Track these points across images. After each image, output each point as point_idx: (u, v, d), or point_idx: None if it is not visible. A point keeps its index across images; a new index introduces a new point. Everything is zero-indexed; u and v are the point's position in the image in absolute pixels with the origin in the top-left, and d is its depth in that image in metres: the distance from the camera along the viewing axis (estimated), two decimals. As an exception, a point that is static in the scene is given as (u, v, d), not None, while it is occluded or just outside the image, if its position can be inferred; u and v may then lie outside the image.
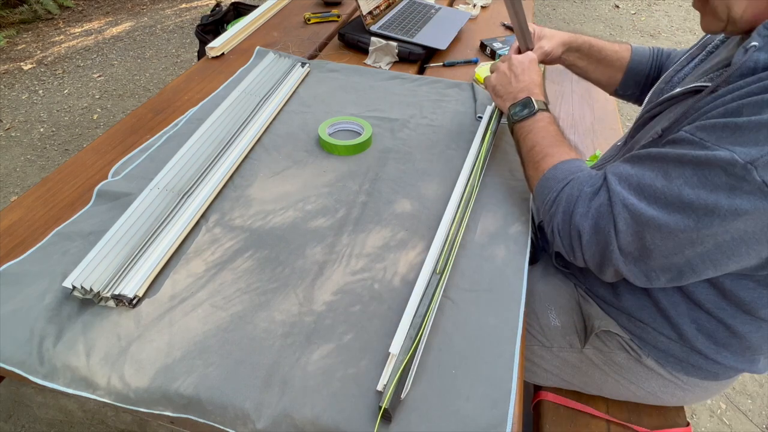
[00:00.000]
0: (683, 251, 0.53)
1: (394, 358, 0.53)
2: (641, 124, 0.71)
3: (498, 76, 0.83)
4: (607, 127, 1.41)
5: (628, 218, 0.55)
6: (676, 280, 0.56)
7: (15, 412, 1.17)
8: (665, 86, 0.74)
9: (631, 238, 0.55)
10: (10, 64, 2.80)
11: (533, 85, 0.78)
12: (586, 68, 0.95)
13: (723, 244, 0.51)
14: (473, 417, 0.51)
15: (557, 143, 0.69)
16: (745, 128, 0.47)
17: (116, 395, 0.53)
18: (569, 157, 0.67)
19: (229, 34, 1.25)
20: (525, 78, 0.79)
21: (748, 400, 1.35)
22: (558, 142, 0.70)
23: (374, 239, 0.71)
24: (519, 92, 0.78)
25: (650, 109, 0.68)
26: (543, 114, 0.73)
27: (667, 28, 3.46)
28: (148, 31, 3.27)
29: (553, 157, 0.67)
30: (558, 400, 0.83)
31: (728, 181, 0.48)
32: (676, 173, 0.52)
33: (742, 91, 0.50)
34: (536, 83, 0.78)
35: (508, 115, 0.78)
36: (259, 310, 0.60)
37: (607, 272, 0.60)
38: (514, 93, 0.78)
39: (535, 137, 0.71)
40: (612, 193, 0.57)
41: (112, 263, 0.62)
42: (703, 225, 0.50)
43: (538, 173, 0.68)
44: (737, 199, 0.47)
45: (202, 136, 0.86)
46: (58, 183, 0.79)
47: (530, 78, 0.79)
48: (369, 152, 0.88)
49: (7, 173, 2.03)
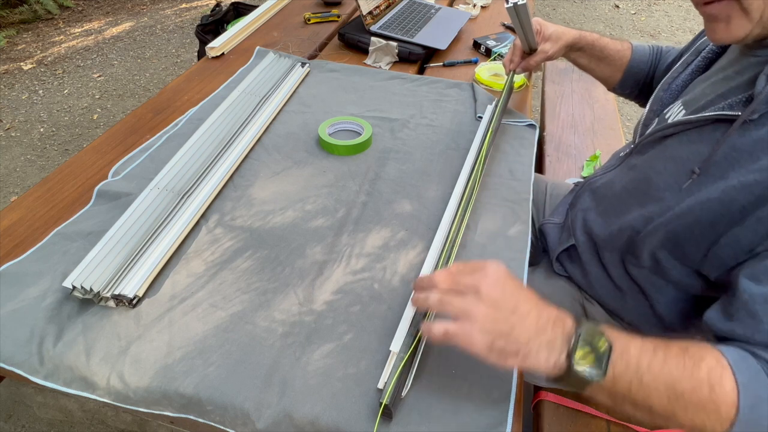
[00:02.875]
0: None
1: (395, 356, 0.53)
2: (650, 142, 0.67)
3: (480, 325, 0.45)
4: (607, 127, 1.41)
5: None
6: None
7: (15, 412, 1.17)
8: (664, 94, 0.73)
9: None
10: (10, 64, 2.80)
11: (536, 307, 0.47)
12: (588, 65, 0.95)
13: None
14: (473, 417, 0.51)
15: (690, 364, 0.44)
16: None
17: (116, 395, 0.53)
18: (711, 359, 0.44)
19: (229, 34, 1.25)
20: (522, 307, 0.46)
21: (748, 400, 1.35)
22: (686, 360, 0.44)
23: (374, 239, 0.71)
24: (539, 333, 0.45)
25: (660, 129, 0.64)
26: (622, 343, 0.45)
27: (667, 28, 3.46)
28: (148, 31, 3.27)
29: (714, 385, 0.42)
30: (558, 400, 0.83)
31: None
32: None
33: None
34: (535, 301, 0.48)
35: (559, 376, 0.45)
36: (259, 310, 0.60)
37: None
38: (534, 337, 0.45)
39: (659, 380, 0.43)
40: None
41: (112, 263, 0.62)
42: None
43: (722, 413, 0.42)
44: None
45: (202, 136, 0.86)
46: (58, 183, 0.79)
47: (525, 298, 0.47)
48: (369, 152, 0.88)
49: (7, 173, 2.03)
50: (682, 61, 0.74)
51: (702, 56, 0.70)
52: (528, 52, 0.89)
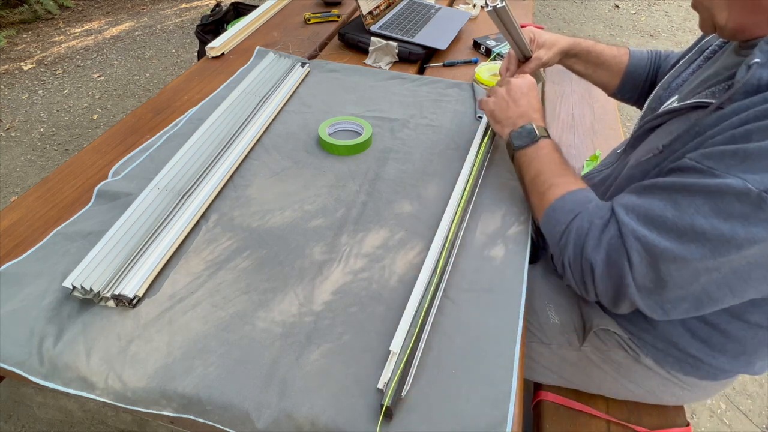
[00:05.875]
0: (699, 280, 0.52)
1: (395, 356, 0.53)
2: (641, 135, 0.70)
3: (496, 100, 0.80)
4: (607, 127, 1.41)
5: (642, 250, 0.53)
6: (693, 310, 0.55)
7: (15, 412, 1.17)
8: (663, 93, 0.73)
9: (646, 271, 0.54)
10: (10, 64, 2.80)
11: (532, 110, 0.75)
12: (585, 72, 0.95)
13: (739, 270, 0.50)
14: (473, 417, 0.51)
15: (562, 172, 0.68)
16: (755, 155, 0.47)
17: (116, 395, 0.53)
18: (576, 187, 0.65)
19: (229, 34, 1.25)
20: (523, 103, 0.76)
21: (748, 400, 1.35)
22: (563, 171, 0.68)
23: (374, 239, 0.71)
24: (518, 118, 0.75)
25: (649, 120, 0.67)
26: (545, 141, 0.71)
27: (667, 28, 3.46)
28: (148, 31, 3.27)
29: (559, 187, 0.65)
30: (558, 400, 0.83)
31: (743, 210, 0.47)
32: (686, 203, 0.51)
33: (749, 113, 0.49)
34: (535, 108, 0.76)
35: (508, 142, 0.75)
36: (259, 310, 0.60)
37: (622, 306, 0.59)
38: (513, 119, 0.76)
39: (538, 165, 0.69)
40: (621, 225, 0.56)
41: (112, 263, 0.62)
42: (718, 253, 0.49)
43: (543, 203, 0.66)
44: (753, 228, 0.47)
45: (202, 136, 0.86)
46: (58, 183, 0.79)
47: (529, 103, 0.76)
48: (369, 152, 0.88)
49: (7, 173, 2.03)
50: (685, 60, 0.74)
51: (704, 56, 0.70)
52: (522, 59, 0.89)
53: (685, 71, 0.72)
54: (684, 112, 0.61)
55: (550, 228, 0.65)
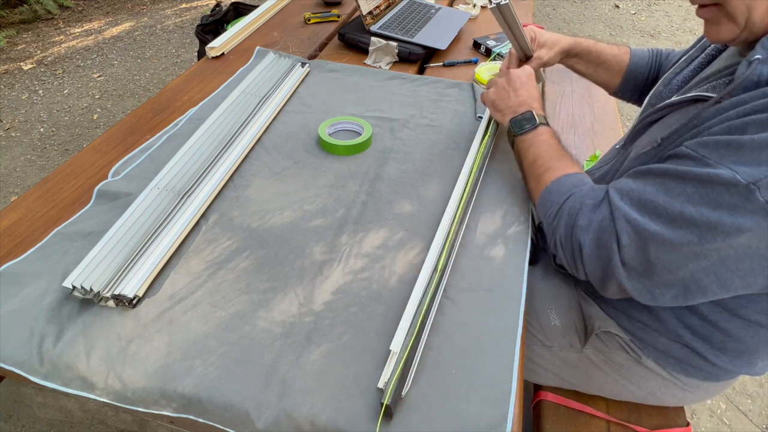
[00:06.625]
0: (687, 266, 0.52)
1: (395, 356, 0.53)
2: (640, 129, 0.70)
3: (496, 90, 0.83)
4: (607, 127, 1.41)
5: (631, 233, 0.54)
6: (681, 298, 0.55)
7: (15, 412, 1.17)
8: (664, 89, 0.73)
9: (635, 253, 0.55)
10: (10, 64, 2.80)
11: (532, 99, 0.78)
12: (586, 71, 0.96)
13: (727, 259, 0.50)
14: (473, 417, 0.51)
15: (559, 157, 0.70)
16: (747, 147, 0.47)
17: (116, 395, 0.53)
18: (572, 170, 0.67)
19: (229, 34, 1.25)
20: (523, 92, 0.79)
21: (748, 400, 1.35)
22: (560, 155, 0.70)
23: (374, 239, 0.71)
24: (518, 106, 0.78)
25: (649, 114, 0.68)
26: (544, 128, 0.74)
27: (667, 28, 3.46)
28: (148, 31, 3.27)
29: (555, 171, 0.68)
30: (558, 400, 0.83)
31: (730, 200, 0.48)
32: (677, 189, 0.52)
33: (747, 107, 0.49)
34: (535, 97, 0.79)
35: (509, 129, 0.79)
36: (259, 310, 0.60)
37: (610, 287, 0.60)
38: (514, 107, 0.79)
39: (536, 151, 0.72)
40: (614, 208, 0.57)
41: (112, 263, 0.62)
42: (706, 240, 0.50)
43: (540, 186, 0.68)
44: (740, 218, 0.47)
45: (202, 136, 0.86)
46: (58, 183, 0.79)
47: (529, 92, 0.79)
48: (369, 152, 0.88)
49: (7, 173, 2.03)
50: (686, 57, 0.74)
51: (706, 53, 0.70)
52: (523, 59, 0.89)
53: (687, 68, 0.72)
54: (683, 106, 0.62)
55: (545, 209, 0.66)
